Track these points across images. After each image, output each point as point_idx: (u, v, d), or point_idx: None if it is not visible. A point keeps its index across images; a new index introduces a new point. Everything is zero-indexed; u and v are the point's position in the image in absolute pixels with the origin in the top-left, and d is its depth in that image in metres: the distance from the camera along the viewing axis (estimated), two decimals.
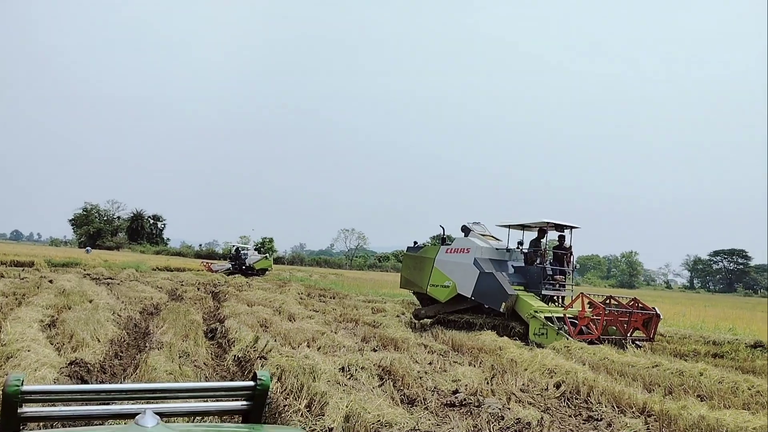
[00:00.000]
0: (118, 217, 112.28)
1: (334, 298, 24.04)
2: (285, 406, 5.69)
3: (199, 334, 10.14)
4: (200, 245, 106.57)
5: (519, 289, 14.00)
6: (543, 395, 7.71)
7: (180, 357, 7.60)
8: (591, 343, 11.88)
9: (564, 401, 7.48)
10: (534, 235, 15.40)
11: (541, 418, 5.84)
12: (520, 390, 7.80)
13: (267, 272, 42.85)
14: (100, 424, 1.78)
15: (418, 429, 5.10)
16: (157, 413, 1.54)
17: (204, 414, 1.83)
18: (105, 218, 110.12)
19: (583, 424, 6.46)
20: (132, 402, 1.71)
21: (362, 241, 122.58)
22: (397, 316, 17.32)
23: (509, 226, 15.54)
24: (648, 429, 6.06)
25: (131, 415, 1.61)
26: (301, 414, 5.60)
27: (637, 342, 12.85)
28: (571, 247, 15.31)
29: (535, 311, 12.88)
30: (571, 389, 7.90)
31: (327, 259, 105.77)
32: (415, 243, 17.03)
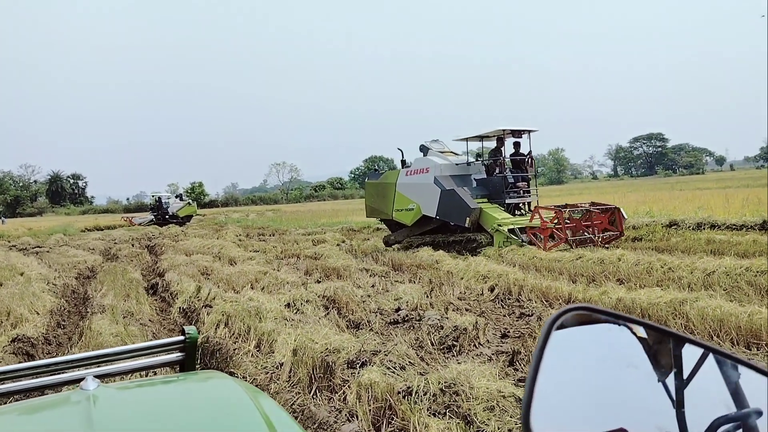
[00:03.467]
0: (35, 182, 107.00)
1: (273, 236, 24.08)
2: (235, 349, 5.89)
3: (140, 292, 10.12)
4: (127, 199, 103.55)
5: (482, 202, 13.90)
6: (478, 300, 8.24)
7: (124, 318, 7.63)
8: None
9: (498, 303, 8.03)
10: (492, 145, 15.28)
11: (476, 321, 6.27)
12: (458, 298, 8.30)
13: (192, 218, 42.17)
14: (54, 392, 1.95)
15: (364, 350, 5.40)
16: (102, 375, 1.73)
17: (144, 369, 2.03)
18: (20, 184, 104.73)
19: (516, 321, 7.00)
20: (78, 369, 1.87)
21: (295, 173, 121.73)
22: (338, 245, 17.62)
23: (466, 139, 15.28)
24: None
25: (79, 381, 1.79)
26: (252, 354, 5.83)
27: (608, 241, 12.62)
28: (530, 152, 15.21)
29: (499, 225, 12.88)
30: (503, 291, 8.47)
31: (262, 196, 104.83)
32: (375, 170, 16.89)
